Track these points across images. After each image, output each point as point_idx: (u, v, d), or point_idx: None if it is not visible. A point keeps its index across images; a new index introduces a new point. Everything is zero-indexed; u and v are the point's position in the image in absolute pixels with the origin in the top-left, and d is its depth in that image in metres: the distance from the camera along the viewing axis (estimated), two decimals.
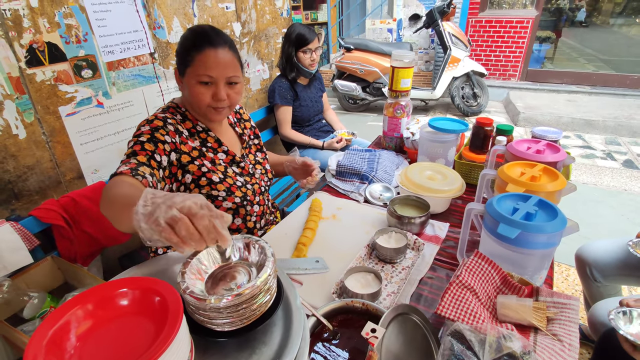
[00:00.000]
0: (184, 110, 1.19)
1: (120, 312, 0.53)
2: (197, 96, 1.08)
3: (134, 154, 0.99)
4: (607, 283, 1.46)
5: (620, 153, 3.73)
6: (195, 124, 1.19)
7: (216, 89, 1.08)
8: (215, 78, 1.07)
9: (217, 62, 1.06)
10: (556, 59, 6.73)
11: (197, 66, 1.05)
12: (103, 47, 1.56)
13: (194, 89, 1.08)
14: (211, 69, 1.05)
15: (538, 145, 1.18)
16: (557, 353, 0.67)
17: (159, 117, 1.10)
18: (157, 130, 1.06)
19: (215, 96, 1.09)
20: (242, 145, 1.35)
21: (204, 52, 1.05)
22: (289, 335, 0.63)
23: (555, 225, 0.79)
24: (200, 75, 1.06)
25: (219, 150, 1.23)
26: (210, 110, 1.12)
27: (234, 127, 1.36)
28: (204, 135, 1.21)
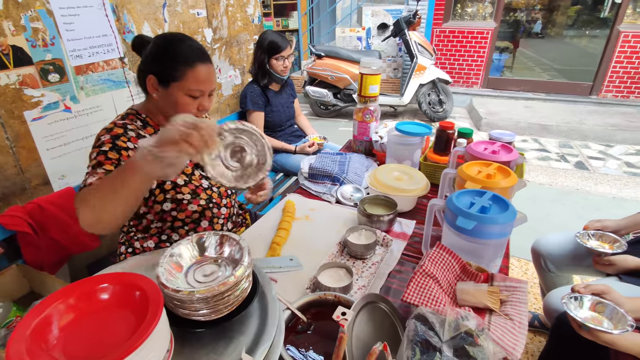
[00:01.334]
0: (145, 116, 1.19)
1: (101, 306, 0.55)
2: (184, 107, 1.12)
3: (100, 164, 0.99)
4: (560, 273, 1.58)
5: (572, 155, 4.01)
6: (157, 129, 1.19)
7: (202, 101, 1.14)
8: (203, 91, 1.13)
9: (208, 77, 1.12)
10: (515, 67, 7.14)
11: (189, 81, 1.09)
12: (71, 51, 1.54)
13: (181, 101, 1.11)
14: (203, 84, 1.11)
15: (494, 147, 1.29)
16: (509, 330, 0.74)
17: (117, 124, 1.09)
18: (118, 138, 1.05)
19: (202, 107, 1.15)
20: None
21: (197, 69, 1.09)
22: (264, 325, 0.67)
23: (506, 216, 0.88)
24: (193, 90, 1.10)
25: None
26: None
27: None
28: None
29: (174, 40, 1.12)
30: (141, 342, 0.49)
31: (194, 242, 0.71)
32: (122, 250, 1.25)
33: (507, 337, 0.73)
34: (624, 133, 4.26)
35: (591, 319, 0.93)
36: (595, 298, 0.96)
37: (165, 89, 1.11)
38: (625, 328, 0.87)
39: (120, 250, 1.26)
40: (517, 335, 0.74)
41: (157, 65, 1.11)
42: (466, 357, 0.63)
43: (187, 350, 0.62)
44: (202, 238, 0.72)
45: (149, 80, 1.12)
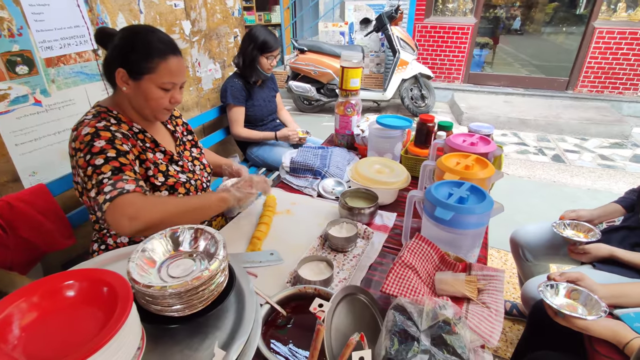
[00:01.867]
0: (116, 113, 1.14)
1: (67, 303, 0.53)
2: (156, 101, 1.10)
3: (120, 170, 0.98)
4: (537, 262, 1.62)
5: (550, 149, 4.11)
6: (130, 125, 1.16)
7: (174, 93, 1.13)
8: (175, 84, 1.12)
9: (180, 69, 1.11)
10: (494, 63, 7.27)
11: (161, 74, 1.07)
12: (40, 42, 1.48)
13: (153, 94, 1.09)
14: (175, 77, 1.10)
15: (472, 139, 1.30)
16: (485, 318, 0.75)
17: (99, 127, 1.03)
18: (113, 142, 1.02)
19: (173, 99, 1.14)
20: (175, 143, 1.33)
21: (168, 61, 1.07)
22: (241, 319, 0.66)
23: (483, 206, 0.89)
24: (165, 82, 1.09)
25: (156, 150, 1.21)
26: (163, 112, 1.16)
27: (166, 124, 1.34)
28: (142, 136, 1.18)
29: (144, 32, 1.08)
30: (108, 339, 0.47)
31: (167, 237, 0.69)
32: (95, 247, 1.21)
33: (484, 324, 0.74)
34: (597, 127, 4.39)
35: (566, 305, 0.96)
36: (570, 285, 0.99)
37: (136, 82, 1.08)
38: (599, 314, 0.90)
39: (93, 248, 1.22)
40: (493, 322, 0.75)
41: (126, 58, 1.07)
42: (443, 345, 0.64)
43: (161, 347, 0.60)
44: (175, 232, 0.70)
45: (118, 74, 1.07)
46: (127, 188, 0.94)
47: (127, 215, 0.90)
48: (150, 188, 1.14)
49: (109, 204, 0.92)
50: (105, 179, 0.96)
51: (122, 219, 0.90)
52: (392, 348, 0.64)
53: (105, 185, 0.95)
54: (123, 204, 0.91)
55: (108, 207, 0.92)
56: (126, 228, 0.90)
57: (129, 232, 0.91)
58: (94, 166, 0.98)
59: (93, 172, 0.97)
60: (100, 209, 0.94)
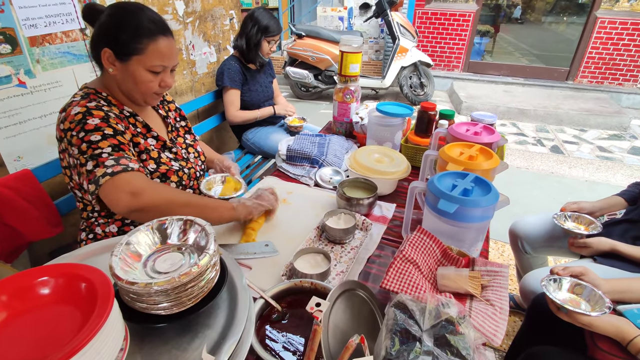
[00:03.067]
0: (106, 95, 1.09)
1: (41, 302, 0.48)
2: (144, 84, 1.05)
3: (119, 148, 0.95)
4: (536, 254, 1.60)
5: (548, 139, 4.08)
6: (121, 109, 1.11)
7: (164, 77, 1.08)
8: (165, 66, 1.06)
9: (170, 51, 1.05)
10: (495, 52, 7.18)
11: (150, 56, 1.01)
12: (24, 19, 1.40)
13: (142, 77, 1.04)
14: (166, 59, 1.04)
15: (476, 128, 1.25)
16: (490, 316, 0.72)
17: (90, 107, 0.99)
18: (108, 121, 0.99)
19: (164, 83, 1.08)
20: (167, 129, 1.28)
21: (158, 42, 1.02)
22: (233, 317, 0.62)
23: (489, 199, 0.85)
24: (155, 65, 1.03)
25: (148, 136, 1.16)
26: (153, 96, 1.10)
27: (157, 109, 1.28)
28: (133, 120, 1.13)
29: (133, 10, 1.02)
30: (86, 342, 0.43)
31: (154, 229, 0.64)
32: (83, 236, 1.16)
33: (488, 323, 0.71)
34: (597, 118, 4.36)
35: (569, 300, 0.93)
36: (573, 280, 0.96)
37: (123, 63, 1.02)
38: (603, 310, 0.87)
39: (81, 237, 1.17)
40: (498, 321, 0.72)
41: (113, 38, 1.00)
42: (447, 346, 0.60)
43: (147, 347, 0.56)
44: (163, 224, 0.65)
45: (104, 54, 1.01)
46: (131, 166, 0.92)
47: (130, 190, 0.87)
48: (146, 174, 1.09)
49: (109, 178, 0.88)
50: (104, 153, 0.92)
51: (122, 194, 0.87)
52: (392, 348, 0.61)
53: (106, 159, 0.90)
54: (127, 180, 0.89)
55: (107, 181, 0.88)
56: (124, 203, 0.87)
57: (125, 209, 0.87)
58: (89, 142, 0.93)
59: (89, 147, 0.92)
60: (95, 183, 0.89)
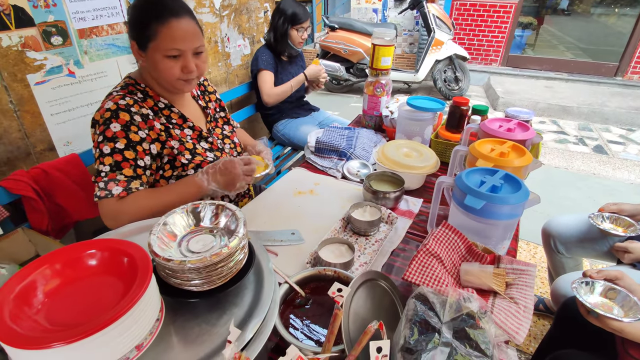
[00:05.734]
0: (144, 86, 1.12)
1: (88, 272, 0.54)
2: (166, 71, 1.04)
3: (119, 167, 1.00)
4: (569, 255, 1.54)
5: (592, 139, 3.86)
6: (157, 100, 1.13)
7: (185, 61, 1.04)
8: (183, 50, 1.03)
9: (184, 33, 1.01)
10: (537, 45, 6.82)
11: (162, 40, 1.00)
12: (74, 13, 1.50)
13: (161, 64, 1.03)
14: (179, 42, 1.01)
15: (509, 124, 1.22)
16: (513, 314, 0.71)
17: (121, 105, 1.02)
18: (129, 129, 1.02)
19: (185, 69, 1.05)
20: (206, 119, 1.29)
21: (168, 24, 0.99)
22: (259, 298, 0.65)
23: (518, 197, 0.83)
24: (168, 49, 1.01)
25: (184, 126, 1.18)
26: (180, 82, 1.09)
27: (197, 100, 1.30)
28: (167, 112, 1.15)
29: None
30: (128, 309, 0.47)
31: (189, 212, 0.69)
32: None
33: (511, 320, 0.70)
34: None
35: (601, 305, 0.90)
36: (607, 284, 0.92)
37: (145, 53, 1.04)
38: (637, 316, 0.83)
39: None
40: (521, 319, 0.71)
41: (133, 29, 1.04)
42: (466, 339, 0.61)
43: (180, 319, 0.61)
44: (197, 208, 0.70)
45: (132, 47, 1.06)
46: (113, 192, 0.98)
47: (108, 217, 0.98)
48: (180, 165, 1.12)
49: (97, 200, 0.98)
50: (102, 172, 0.99)
51: (105, 219, 0.99)
52: (411, 338, 0.62)
53: (100, 180, 0.99)
54: (104, 208, 0.99)
55: (97, 202, 0.99)
56: (109, 226, 0.98)
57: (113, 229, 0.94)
58: (100, 151, 1.00)
59: (97, 158, 1.01)
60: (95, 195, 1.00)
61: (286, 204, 1.29)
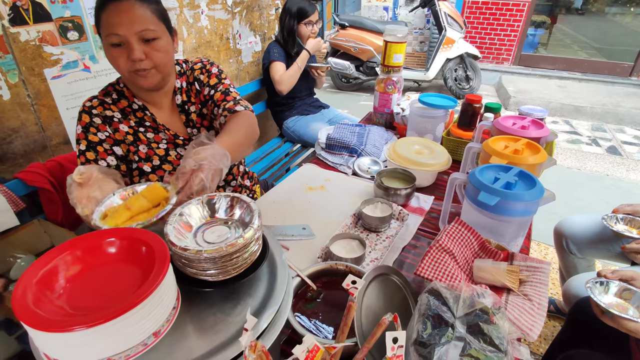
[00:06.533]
0: (122, 86, 1.07)
1: (108, 259, 0.55)
2: (113, 62, 0.95)
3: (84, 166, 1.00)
4: (582, 256, 1.52)
5: (605, 139, 3.80)
6: (131, 101, 1.07)
7: (129, 49, 0.92)
8: (123, 36, 0.91)
9: (122, 17, 0.90)
10: (550, 44, 6.73)
11: (104, 28, 0.92)
12: (90, 8, 1.52)
13: (108, 55, 0.95)
14: (116, 27, 0.90)
15: (523, 122, 1.21)
16: (527, 311, 0.71)
17: (85, 108, 1.02)
18: (88, 130, 1.01)
19: (130, 57, 0.93)
20: (182, 121, 1.17)
21: (107, 9, 0.91)
22: (273, 289, 0.66)
23: (532, 194, 0.82)
24: (108, 35, 0.91)
25: (159, 129, 1.11)
26: (133, 75, 0.97)
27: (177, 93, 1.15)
28: (141, 114, 1.09)
29: None
30: (146, 296, 0.48)
31: (204, 203, 0.70)
32: None
33: (525, 317, 0.70)
34: None
35: (616, 305, 0.89)
36: (622, 284, 0.91)
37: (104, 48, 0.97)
38: None
39: None
40: (535, 316, 0.70)
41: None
42: (480, 334, 0.61)
43: (195, 308, 0.61)
44: (212, 199, 0.70)
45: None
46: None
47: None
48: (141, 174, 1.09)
49: None
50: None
51: None
52: (424, 332, 0.62)
53: None
54: None
55: None
56: None
57: None
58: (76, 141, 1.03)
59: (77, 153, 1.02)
60: None
61: (297, 199, 1.29)
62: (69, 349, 0.45)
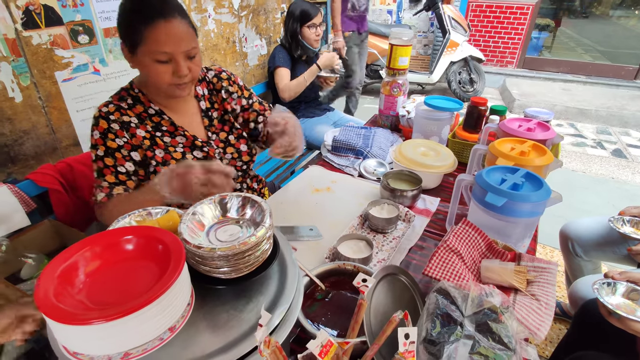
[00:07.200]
0: (137, 91, 1.08)
1: (126, 256, 0.56)
2: (156, 76, 0.97)
3: (101, 174, 1.03)
4: (588, 258, 1.52)
5: (610, 142, 3.79)
6: (147, 107, 1.08)
7: (176, 66, 0.96)
8: (172, 54, 0.95)
9: (172, 36, 0.93)
10: (554, 47, 6.73)
11: (150, 43, 0.93)
12: (100, 12, 1.54)
13: (151, 69, 0.96)
14: (167, 45, 0.93)
15: (529, 124, 1.22)
16: (534, 310, 0.72)
17: (102, 113, 1.02)
18: (106, 136, 1.01)
19: (177, 73, 0.97)
20: (204, 124, 1.19)
21: (155, 26, 0.92)
22: (283, 287, 0.67)
23: (539, 195, 0.83)
24: (156, 53, 0.94)
25: (176, 134, 1.12)
26: (173, 88, 1.02)
27: (201, 100, 1.20)
28: (158, 119, 1.10)
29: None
30: (163, 291, 0.49)
31: (216, 202, 0.71)
32: None
33: (532, 317, 0.71)
34: None
35: (623, 306, 0.89)
36: (630, 285, 0.91)
37: (134, 56, 0.98)
38: None
39: None
40: (542, 316, 0.71)
41: (121, 29, 0.97)
42: (489, 332, 0.61)
43: (208, 305, 0.63)
44: (224, 199, 0.72)
45: (122, 50, 1.00)
46: (98, 198, 1.01)
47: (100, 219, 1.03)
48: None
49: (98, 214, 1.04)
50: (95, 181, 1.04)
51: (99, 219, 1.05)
52: (433, 330, 0.63)
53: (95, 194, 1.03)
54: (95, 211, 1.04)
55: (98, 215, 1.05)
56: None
57: None
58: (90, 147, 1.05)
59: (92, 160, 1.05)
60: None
61: (304, 201, 1.30)
62: (89, 341, 0.47)
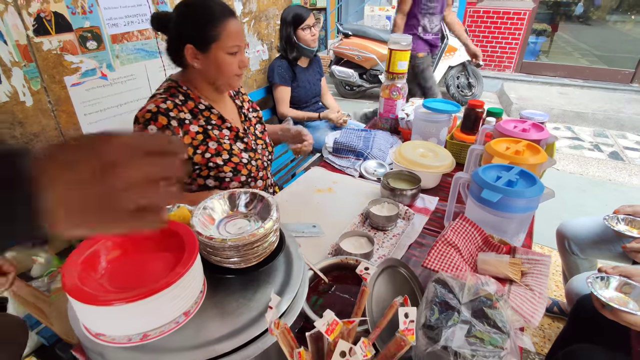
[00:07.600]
0: (186, 88, 1.18)
1: (144, 246, 0.60)
2: (227, 67, 1.13)
3: None
4: (584, 256, 1.56)
5: (607, 145, 3.84)
6: (197, 102, 1.18)
7: (241, 56, 1.15)
8: (240, 46, 1.13)
9: (241, 31, 1.13)
10: (551, 52, 6.81)
11: (225, 39, 1.09)
12: (108, 19, 1.59)
13: (224, 61, 1.11)
14: (238, 39, 1.11)
15: (524, 125, 1.26)
16: (528, 299, 0.75)
17: (161, 109, 1.09)
18: (164, 132, 1.08)
19: (242, 63, 1.15)
20: (241, 119, 1.35)
21: (229, 23, 1.09)
22: (289, 278, 0.71)
23: (533, 190, 0.87)
24: (230, 46, 1.10)
25: (223, 127, 1.23)
26: (235, 78, 1.18)
27: (234, 99, 1.37)
28: (207, 113, 1.20)
29: (199, 2, 1.11)
30: (179, 277, 0.53)
31: (225, 198, 0.75)
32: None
33: (526, 305, 0.74)
34: None
35: (616, 299, 0.92)
36: (622, 279, 0.95)
37: (205, 54, 1.11)
38: None
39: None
40: (536, 304, 0.74)
41: (191, 33, 1.10)
42: (484, 318, 0.65)
43: (219, 294, 0.66)
44: (233, 195, 0.76)
45: (187, 51, 1.11)
46: None
47: None
48: (215, 166, 1.18)
49: None
50: None
51: None
52: (432, 316, 0.66)
53: None
54: None
55: None
56: None
57: None
58: None
59: None
60: None
61: (306, 201, 1.34)
62: (110, 321, 0.50)
